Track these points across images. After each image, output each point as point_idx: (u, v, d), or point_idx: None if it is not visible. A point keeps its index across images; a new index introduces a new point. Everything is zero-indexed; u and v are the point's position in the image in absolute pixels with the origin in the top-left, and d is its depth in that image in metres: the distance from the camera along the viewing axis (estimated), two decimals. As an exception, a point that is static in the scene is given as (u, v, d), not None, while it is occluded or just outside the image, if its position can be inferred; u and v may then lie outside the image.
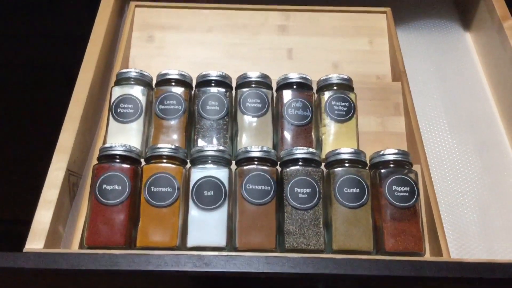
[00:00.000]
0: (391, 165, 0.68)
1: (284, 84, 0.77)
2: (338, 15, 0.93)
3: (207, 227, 0.64)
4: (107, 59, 0.87)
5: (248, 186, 0.65)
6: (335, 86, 0.77)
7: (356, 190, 0.66)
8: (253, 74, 0.77)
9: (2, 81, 1.06)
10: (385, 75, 0.88)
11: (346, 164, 0.68)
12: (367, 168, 0.69)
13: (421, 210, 0.67)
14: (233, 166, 0.69)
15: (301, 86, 0.77)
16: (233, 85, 0.78)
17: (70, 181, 0.70)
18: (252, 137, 0.74)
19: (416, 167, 0.72)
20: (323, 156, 0.72)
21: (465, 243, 0.72)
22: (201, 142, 0.73)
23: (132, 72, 0.76)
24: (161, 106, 0.74)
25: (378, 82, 0.87)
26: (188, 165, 0.69)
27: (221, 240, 0.64)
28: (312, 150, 0.68)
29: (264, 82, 0.77)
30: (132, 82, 0.76)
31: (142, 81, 0.76)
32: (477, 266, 0.58)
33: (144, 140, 0.73)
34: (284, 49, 0.91)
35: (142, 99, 0.75)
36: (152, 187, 0.65)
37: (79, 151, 0.74)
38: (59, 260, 0.56)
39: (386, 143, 0.79)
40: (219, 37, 0.91)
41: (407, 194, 0.66)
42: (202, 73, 0.77)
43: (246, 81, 0.77)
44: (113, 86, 0.76)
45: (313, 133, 0.75)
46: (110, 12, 0.88)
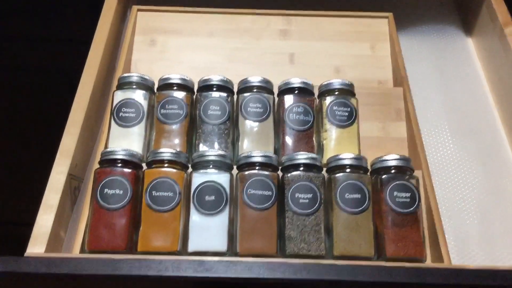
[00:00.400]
0: (392, 171, 0.68)
1: (286, 89, 0.77)
2: (340, 20, 0.93)
3: (208, 232, 0.64)
4: (109, 63, 0.87)
5: (249, 191, 0.65)
6: (337, 91, 0.77)
7: (357, 196, 0.66)
8: (255, 79, 0.77)
9: (5, 84, 1.06)
10: (387, 80, 0.88)
11: (348, 170, 0.68)
12: (369, 173, 0.69)
13: (422, 216, 0.67)
14: (235, 171, 0.69)
15: (303, 91, 0.77)
16: (235, 89, 0.78)
17: (71, 185, 0.70)
18: (254, 142, 0.74)
19: (417, 173, 0.71)
20: (324, 161, 0.72)
21: (466, 249, 0.72)
22: (202, 147, 0.73)
23: (134, 76, 0.76)
24: (162, 111, 0.74)
25: (380, 87, 0.87)
26: (190, 169, 0.69)
27: (222, 245, 0.64)
28: (313, 155, 0.68)
29: (265, 87, 0.77)
30: (134, 87, 0.76)
31: (144, 85, 0.76)
32: (478, 273, 0.58)
33: (146, 144, 0.74)
34: (286, 53, 0.91)
35: (144, 103, 0.75)
36: (153, 192, 0.65)
37: (81, 155, 0.74)
38: (60, 264, 0.56)
39: (387, 148, 0.79)
40: (221, 41, 0.92)
41: (408, 200, 0.66)
42: (204, 78, 0.78)
43: (247, 86, 0.77)
44: (115, 90, 0.76)
45: (314, 138, 0.75)
46: (113, 16, 0.88)
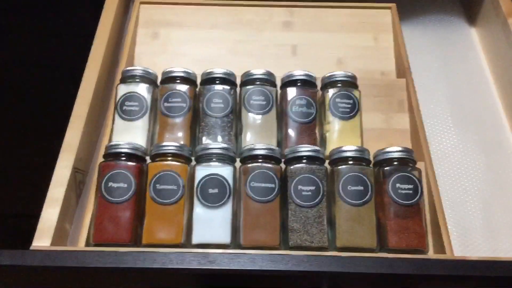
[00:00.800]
0: (395, 163, 0.68)
1: (288, 82, 0.77)
2: (342, 11, 0.93)
3: (211, 224, 0.65)
4: (113, 57, 0.87)
5: (252, 183, 0.66)
6: (339, 83, 0.77)
7: (360, 188, 0.66)
8: (258, 72, 0.77)
9: (9, 79, 1.07)
10: (390, 72, 0.88)
11: (350, 162, 0.68)
12: (371, 165, 0.69)
13: (424, 207, 0.67)
14: (238, 163, 0.69)
15: (305, 84, 0.77)
16: (238, 82, 0.79)
17: (76, 178, 0.71)
18: (257, 134, 0.74)
19: (420, 164, 0.72)
20: (327, 153, 0.72)
21: (468, 240, 0.73)
22: (205, 140, 0.73)
23: (137, 70, 0.77)
24: (166, 104, 0.75)
25: (383, 78, 0.87)
26: (193, 162, 0.69)
27: (226, 237, 0.64)
28: (316, 148, 0.68)
29: (268, 80, 0.77)
30: (137, 80, 0.76)
31: (147, 78, 0.77)
32: (480, 264, 0.58)
33: (150, 137, 0.74)
34: (288, 45, 0.91)
35: (147, 96, 0.75)
36: (157, 185, 0.66)
37: (85, 149, 0.75)
38: (65, 257, 0.57)
39: (390, 140, 0.79)
40: (224, 34, 0.92)
41: (411, 191, 0.66)
42: (207, 71, 0.78)
43: (250, 79, 0.77)
44: (119, 84, 0.76)
45: (317, 131, 0.75)
46: (115, 9, 0.88)
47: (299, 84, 0.77)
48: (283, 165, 0.69)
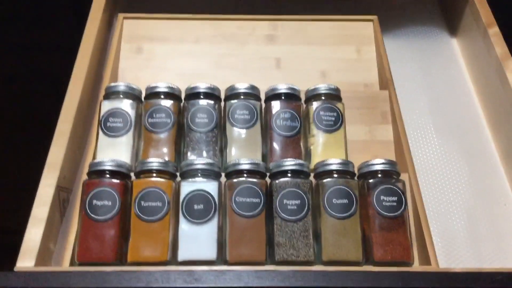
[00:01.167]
0: (379, 175, 0.68)
1: (273, 95, 0.78)
2: (325, 24, 0.94)
3: (197, 240, 0.64)
4: (96, 72, 0.87)
5: (237, 199, 0.66)
6: (323, 96, 0.78)
7: (345, 201, 0.66)
8: (241, 86, 0.77)
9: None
10: (373, 83, 0.89)
11: (335, 175, 0.68)
12: (356, 178, 0.70)
13: (409, 219, 0.67)
14: (223, 178, 0.69)
15: (289, 97, 0.77)
16: (222, 96, 0.79)
17: (60, 197, 0.70)
18: (242, 148, 0.74)
19: (404, 176, 0.72)
20: (312, 166, 0.72)
21: (453, 251, 0.73)
22: (190, 155, 0.73)
23: (121, 86, 0.76)
24: (150, 120, 0.75)
25: (366, 90, 0.88)
26: (178, 178, 0.69)
27: (212, 254, 0.64)
28: (300, 161, 0.69)
29: (252, 94, 0.78)
30: (121, 96, 0.76)
31: (131, 94, 0.77)
32: (466, 276, 0.58)
33: (134, 153, 0.74)
34: (272, 58, 0.91)
35: (131, 112, 0.75)
36: (142, 202, 0.65)
37: (69, 166, 0.74)
38: (49, 278, 0.56)
39: (374, 151, 0.80)
40: (207, 47, 0.92)
41: (395, 203, 0.66)
42: (191, 86, 0.78)
43: (234, 93, 0.77)
44: (102, 100, 0.76)
45: (301, 144, 0.75)
46: (99, 24, 0.88)
47: (283, 97, 0.77)
48: (268, 180, 0.69)
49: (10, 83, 1.08)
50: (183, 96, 0.79)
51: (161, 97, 0.77)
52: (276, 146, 0.74)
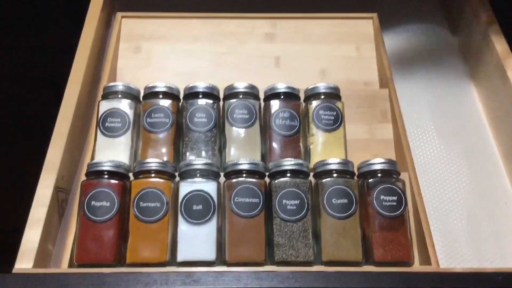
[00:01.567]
0: (379, 175, 0.68)
1: (272, 94, 0.77)
2: (325, 22, 0.93)
3: (196, 241, 0.64)
4: (95, 72, 0.87)
5: (236, 199, 0.65)
6: (322, 95, 0.77)
7: (345, 201, 0.66)
8: (240, 85, 0.77)
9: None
10: (373, 82, 0.88)
11: (334, 175, 0.68)
12: (355, 177, 0.69)
13: (409, 218, 0.67)
14: (222, 178, 0.69)
15: (289, 96, 0.77)
16: (221, 95, 0.78)
17: (58, 198, 0.70)
18: (241, 148, 0.74)
19: (404, 175, 0.72)
20: (311, 165, 0.72)
21: (453, 250, 0.73)
22: (189, 155, 0.73)
23: (119, 85, 0.76)
24: (149, 120, 0.74)
25: (366, 89, 0.87)
26: (177, 178, 0.69)
27: (211, 254, 0.64)
28: (300, 161, 0.68)
29: (251, 93, 0.77)
30: (120, 96, 0.76)
31: (130, 94, 0.76)
32: (466, 276, 0.58)
33: (133, 154, 0.73)
34: (271, 57, 0.91)
35: (129, 112, 0.75)
36: (140, 203, 0.65)
37: (68, 167, 0.74)
38: (47, 280, 0.56)
39: (374, 150, 0.79)
40: (206, 46, 0.91)
41: (395, 203, 0.66)
42: (190, 85, 0.77)
43: (233, 92, 0.77)
44: (101, 100, 0.76)
45: (301, 143, 0.75)
46: (97, 23, 0.88)
47: (282, 96, 0.77)
48: (267, 179, 0.69)
49: (8, 83, 1.08)
50: (181, 95, 0.78)
51: (160, 96, 0.76)
52: (275, 145, 0.74)
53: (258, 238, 0.65)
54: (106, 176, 0.66)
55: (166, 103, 0.75)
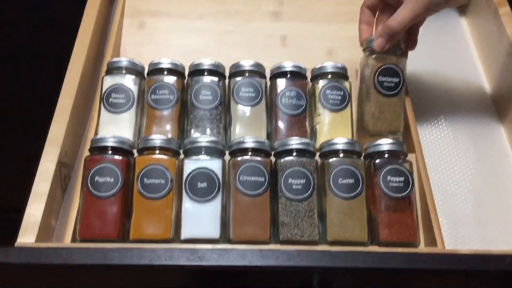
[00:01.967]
0: (386, 155, 0.67)
1: (278, 73, 0.76)
2: (332, 0, 0.92)
3: (200, 219, 0.64)
4: (98, 47, 0.86)
5: (241, 177, 0.65)
6: (330, 75, 0.76)
7: (351, 181, 0.65)
8: (247, 63, 0.76)
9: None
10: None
11: (341, 155, 0.67)
12: (362, 158, 0.69)
13: (415, 200, 0.66)
14: (227, 156, 0.68)
15: (295, 75, 0.76)
16: (226, 73, 0.77)
17: (61, 173, 0.69)
18: (246, 126, 0.73)
19: (411, 157, 0.71)
20: (318, 145, 0.71)
21: (459, 232, 0.72)
22: (194, 133, 0.72)
23: (123, 61, 0.75)
24: (153, 96, 0.73)
25: (373, 69, 0.86)
26: (181, 156, 0.68)
27: (215, 232, 0.63)
28: (306, 140, 0.67)
29: (257, 71, 0.76)
30: (124, 72, 0.75)
31: (134, 70, 0.75)
32: (472, 258, 0.58)
33: (137, 130, 0.73)
34: (277, 36, 0.89)
35: (134, 88, 0.73)
36: (145, 179, 0.64)
37: (71, 142, 0.73)
38: (51, 254, 0.56)
39: (381, 132, 0.78)
40: (211, 24, 0.90)
41: (402, 184, 0.65)
42: (195, 62, 0.76)
43: (239, 70, 0.76)
44: (104, 76, 0.75)
45: (307, 123, 0.74)
46: (101, -1, 0.86)
47: (288, 75, 0.76)
48: (273, 158, 0.68)
49: (10, 59, 1.07)
50: (186, 73, 0.77)
51: (165, 73, 0.75)
52: (281, 125, 0.73)
53: (263, 217, 0.64)
54: (110, 152, 0.65)
55: (171, 79, 0.74)
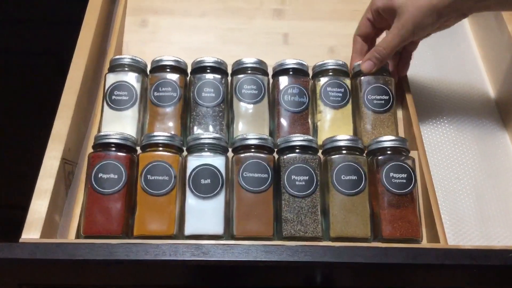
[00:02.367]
0: (388, 152, 0.68)
1: (281, 70, 0.76)
2: (333, -2, 0.92)
3: (204, 215, 0.64)
4: (101, 45, 0.86)
5: (245, 174, 0.65)
6: (331, 72, 0.77)
7: (354, 177, 0.66)
8: (249, 60, 0.76)
9: (-5, 67, 1.05)
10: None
11: (343, 151, 0.67)
12: (364, 154, 0.69)
13: (418, 196, 0.67)
14: (230, 153, 0.69)
15: (298, 72, 0.76)
16: (229, 70, 0.78)
17: (65, 169, 0.69)
18: (249, 124, 0.73)
19: (413, 154, 0.71)
20: (319, 142, 0.71)
21: (461, 229, 0.73)
22: (197, 130, 0.72)
23: (126, 58, 0.75)
24: (156, 93, 0.73)
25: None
26: (185, 153, 0.68)
27: (219, 228, 0.63)
28: (309, 137, 0.68)
29: (260, 68, 0.76)
30: (126, 69, 0.75)
31: (137, 67, 0.75)
32: (474, 253, 0.58)
33: (140, 127, 0.73)
34: (279, 33, 0.90)
35: (136, 86, 0.74)
36: (148, 176, 0.65)
37: (74, 139, 0.73)
38: (56, 249, 0.56)
39: (382, 129, 0.79)
40: (213, 21, 0.90)
41: (404, 181, 0.66)
42: (197, 59, 0.77)
43: (242, 67, 0.76)
44: (107, 73, 0.75)
45: (309, 120, 0.74)
46: (103, -4, 0.86)
47: (291, 72, 0.76)
48: (276, 155, 0.68)
49: (13, 57, 1.07)
50: (189, 70, 0.77)
51: (167, 70, 0.75)
52: (284, 122, 0.73)
53: (266, 213, 0.64)
54: (113, 149, 0.66)
55: (173, 77, 0.75)
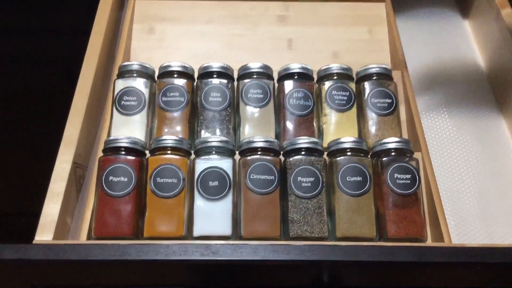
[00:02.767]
0: (392, 153, 0.69)
1: (286, 75, 0.78)
2: (337, 4, 0.93)
3: (212, 216, 0.65)
4: (109, 52, 0.87)
5: (252, 176, 0.66)
6: (335, 76, 0.78)
7: (359, 179, 0.67)
8: (255, 65, 0.78)
9: (6, 75, 1.06)
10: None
11: (348, 153, 0.69)
12: (369, 156, 0.70)
13: (422, 196, 0.68)
14: (237, 156, 0.70)
15: (302, 76, 0.78)
16: (235, 75, 0.79)
17: (76, 173, 0.71)
18: (255, 127, 0.75)
19: (417, 155, 0.72)
20: (325, 145, 0.73)
21: (465, 228, 0.74)
22: (204, 133, 0.74)
23: (134, 64, 0.77)
24: (164, 98, 0.75)
25: (378, 71, 0.87)
26: (193, 156, 0.70)
27: (227, 229, 0.65)
28: (314, 139, 0.69)
29: (265, 73, 0.78)
30: (135, 75, 0.76)
31: (145, 73, 0.77)
32: (478, 251, 0.59)
33: (148, 132, 0.74)
34: (284, 39, 0.91)
35: (145, 91, 0.75)
36: (157, 178, 0.66)
37: (84, 144, 0.75)
38: (68, 250, 0.57)
39: (387, 131, 0.80)
40: (219, 28, 0.92)
41: (409, 181, 0.67)
42: (204, 65, 0.78)
43: (247, 72, 0.78)
44: (116, 79, 0.77)
45: (314, 123, 0.76)
46: (111, 4, 0.88)
47: (296, 77, 0.77)
48: (282, 157, 0.69)
49: (23, 65, 1.09)
50: (196, 75, 0.79)
51: (175, 75, 0.77)
52: (289, 125, 0.75)
53: (273, 214, 0.65)
54: (123, 152, 0.67)
55: (181, 82, 0.76)
